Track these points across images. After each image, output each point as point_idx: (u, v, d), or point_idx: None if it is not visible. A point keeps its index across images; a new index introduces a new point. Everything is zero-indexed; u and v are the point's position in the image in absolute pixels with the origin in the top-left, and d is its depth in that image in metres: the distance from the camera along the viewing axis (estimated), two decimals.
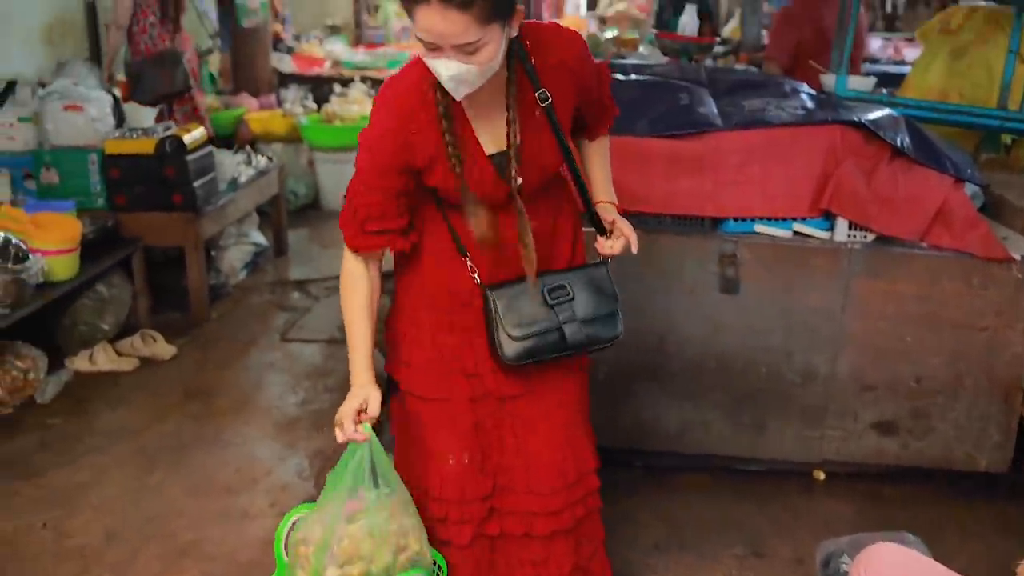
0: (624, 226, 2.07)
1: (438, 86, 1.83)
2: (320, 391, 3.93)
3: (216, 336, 4.54)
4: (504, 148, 1.93)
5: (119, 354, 4.22)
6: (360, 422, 1.95)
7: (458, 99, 1.83)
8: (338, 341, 4.41)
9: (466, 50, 1.71)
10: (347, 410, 1.96)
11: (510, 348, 1.98)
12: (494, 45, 1.74)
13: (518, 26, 1.81)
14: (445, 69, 1.73)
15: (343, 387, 3.84)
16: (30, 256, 3.73)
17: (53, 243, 3.88)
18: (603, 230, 2.10)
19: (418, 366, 2.08)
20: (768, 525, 2.99)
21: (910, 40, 7.29)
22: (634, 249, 2.07)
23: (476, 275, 2.02)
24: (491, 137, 1.94)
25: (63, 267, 3.92)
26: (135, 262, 4.49)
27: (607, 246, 2.06)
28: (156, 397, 3.89)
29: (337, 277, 2.07)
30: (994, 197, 3.28)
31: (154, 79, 5.35)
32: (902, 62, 6.45)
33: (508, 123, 1.90)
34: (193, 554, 2.85)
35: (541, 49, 1.92)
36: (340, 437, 1.95)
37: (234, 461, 3.40)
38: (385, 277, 2.08)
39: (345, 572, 1.89)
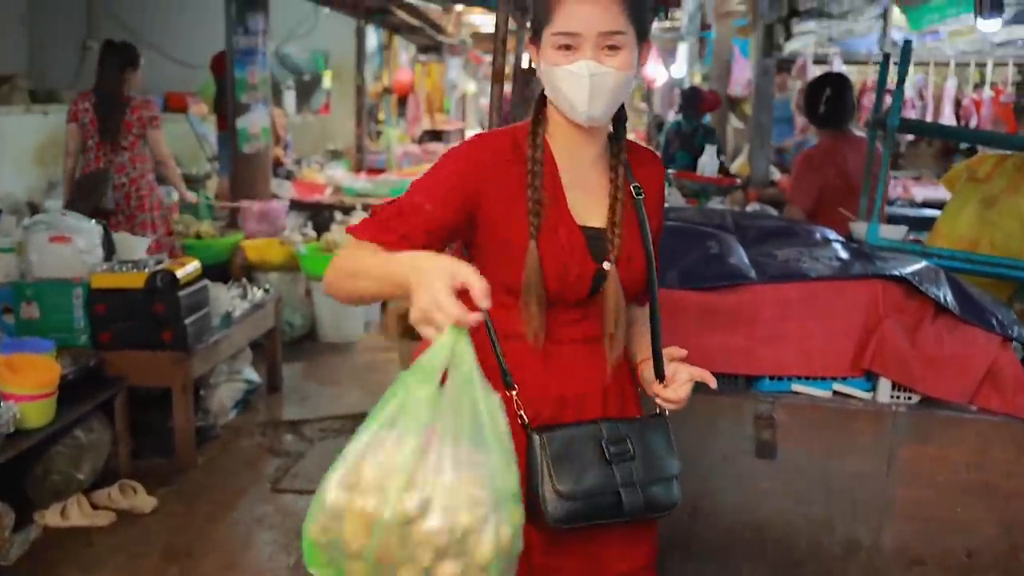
0: (688, 371, 1.84)
1: (531, 139, 1.76)
2: None
3: (202, 485, 4.26)
4: (599, 225, 1.78)
5: (95, 507, 3.92)
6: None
7: (585, 117, 1.70)
8: None
9: (607, 42, 1.65)
10: (440, 292, 1.40)
11: (557, 508, 1.69)
12: (631, 52, 1.68)
13: (644, 62, 1.76)
14: (582, 67, 1.65)
15: None
16: (2, 403, 3.48)
17: (28, 388, 3.62)
18: (662, 373, 1.86)
19: None
20: None
21: (917, 179, 7.26)
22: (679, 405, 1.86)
23: (522, 412, 1.74)
24: (584, 210, 1.78)
25: (38, 413, 3.65)
26: (118, 404, 4.23)
27: (669, 392, 1.83)
28: (133, 559, 3.59)
29: (335, 417, 1.82)
30: None
31: (79, 198, 5.40)
32: (913, 202, 6.37)
33: (612, 195, 1.79)
34: None
35: (633, 153, 1.87)
36: (437, 325, 1.40)
37: None
38: None
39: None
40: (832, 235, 3.30)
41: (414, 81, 13.01)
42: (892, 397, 2.81)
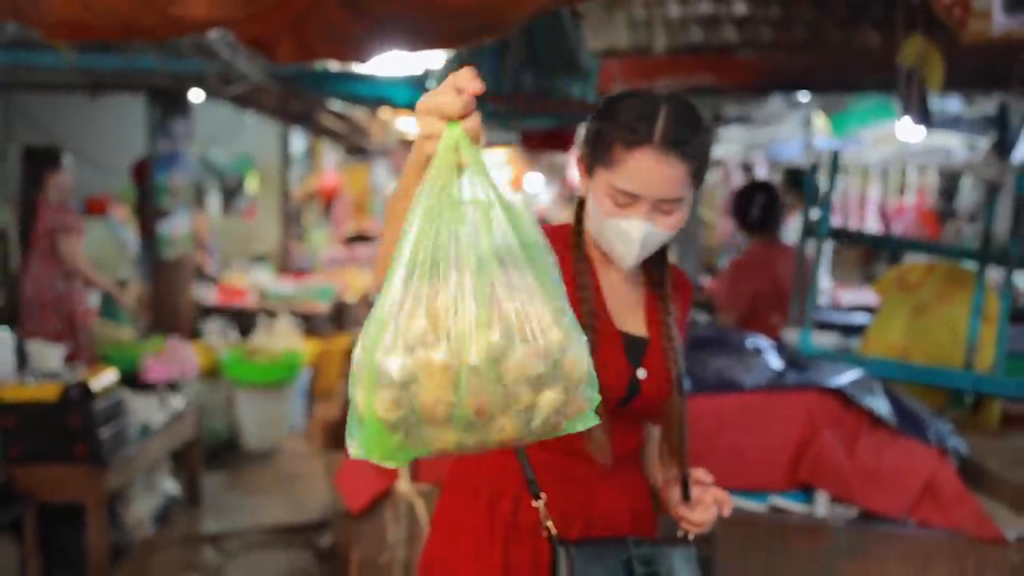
0: (713, 494, 1.79)
1: (574, 244, 1.73)
2: None
3: None
4: (636, 332, 1.75)
5: None
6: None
7: (627, 267, 1.68)
8: None
9: (664, 208, 1.60)
10: (435, 94, 1.28)
11: None
12: (685, 211, 1.64)
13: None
14: (637, 227, 1.60)
15: None
16: None
17: None
18: (687, 493, 1.80)
19: None
20: None
21: (842, 283, 7.39)
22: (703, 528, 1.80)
23: (549, 523, 1.66)
24: (621, 316, 1.75)
25: None
26: (27, 522, 3.99)
27: (696, 515, 1.77)
28: None
29: (257, 530, 1.71)
30: (974, 465, 3.08)
31: None
32: (839, 307, 6.46)
33: (656, 304, 1.76)
34: None
35: (672, 286, 1.83)
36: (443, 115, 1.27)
37: None
38: None
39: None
40: (765, 343, 3.30)
41: (340, 184, 13.01)
42: (830, 511, 2.78)
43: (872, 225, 7.67)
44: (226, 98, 6.61)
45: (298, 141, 11.07)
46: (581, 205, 1.77)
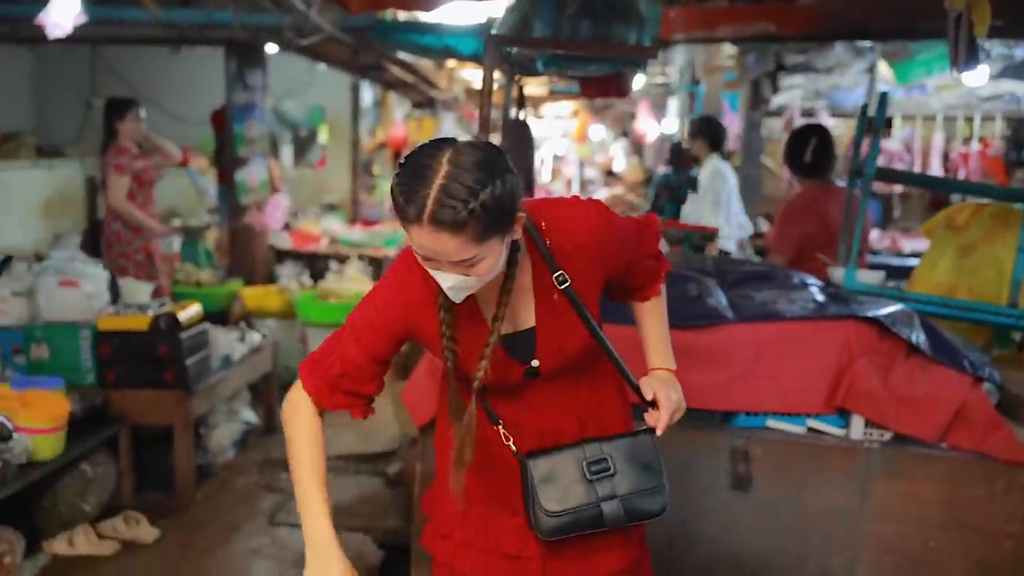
0: (668, 397, 1.98)
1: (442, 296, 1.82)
2: None
3: (201, 518, 4.37)
4: (519, 328, 1.90)
5: (100, 536, 4.04)
6: None
7: (458, 303, 1.80)
8: None
9: (463, 266, 1.68)
10: None
11: (545, 524, 1.88)
12: (493, 258, 1.70)
13: (520, 228, 1.76)
14: (444, 280, 1.71)
15: None
16: (15, 435, 3.61)
17: (39, 422, 3.77)
18: (648, 403, 2.01)
19: (460, 543, 1.99)
20: None
21: (906, 231, 7.43)
22: (658, 430, 1.98)
23: (511, 443, 1.92)
24: (514, 320, 1.89)
25: (48, 446, 3.79)
26: (122, 441, 4.37)
27: (651, 418, 1.98)
28: None
29: (329, 457, 2.00)
30: (1010, 397, 3.21)
31: None
32: (900, 253, 6.53)
33: (498, 305, 1.84)
34: None
35: (557, 230, 1.88)
36: None
37: None
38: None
39: None
40: (810, 280, 3.45)
41: (408, 136, 13.25)
42: (865, 434, 2.94)
43: (936, 173, 7.64)
44: (299, 50, 6.85)
45: (368, 93, 11.31)
46: None
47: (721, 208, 5.56)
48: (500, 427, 1.93)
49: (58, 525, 4.02)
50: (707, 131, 6.14)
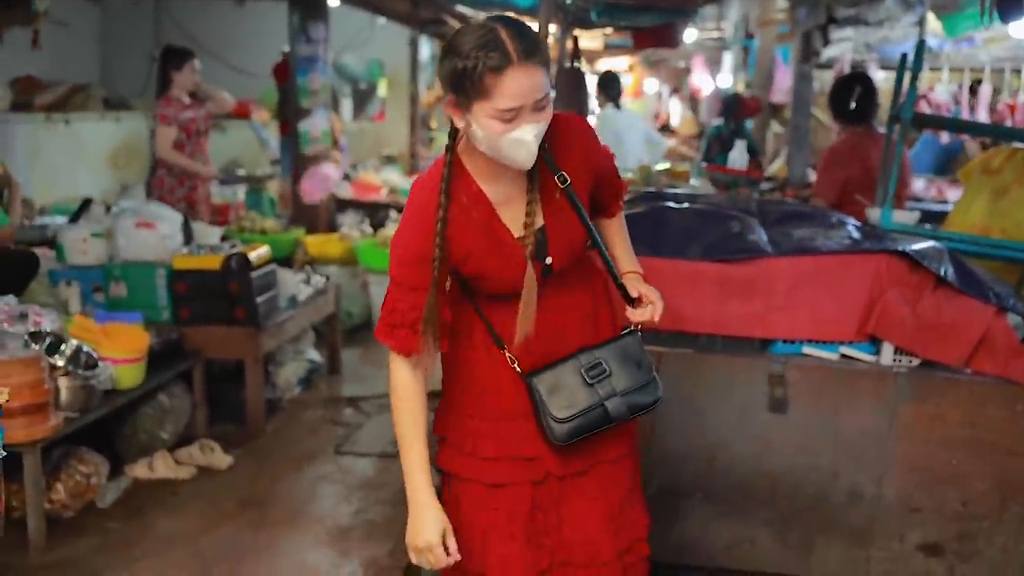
0: (650, 293, 2.18)
1: (442, 197, 2.00)
2: (373, 502, 4.02)
3: (271, 448, 4.65)
4: (537, 224, 2.08)
5: (177, 463, 4.34)
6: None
7: (527, 168, 1.98)
8: (391, 455, 4.51)
9: (540, 105, 1.90)
10: (432, 531, 2.05)
11: (559, 431, 2.09)
12: (551, 100, 1.95)
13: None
14: (528, 132, 1.90)
15: (396, 499, 3.98)
16: (99, 363, 3.91)
17: (121, 352, 4.07)
18: (632, 300, 2.21)
19: (482, 455, 2.16)
20: None
21: (954, 182, 7.47)
22: (656, 317, 2.16)
23: (516, 365, 2.12)
24: (516, 223, 2.07)
25: (129, 376, 4.10)
26: (196, 374, 4.66)
27: (637, 315, 2.17)
28: (212, 505, 3.99)
29: (388, 395, 2.16)
30: None
31: None
32: (945, 201, 6.60)
33: (528, 204, 2.04)
34: None
35: (555, 136, 2.07)
36: (433, 564, 2.07)
37: (288, 569, 3.48)
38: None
39: None
40: (847, 219, 3.61)
41: None
42: (895, 360, 3.13)
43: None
44: (360, 4, 7.03)
45: (426, 48, 11.49)
46: (452, 141, 2.04)
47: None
48: (505, 351, 2.13)
49: (138, 451, 4.34)
50: (604, 85, 7.16)
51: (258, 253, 4.84)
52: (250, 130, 9.39)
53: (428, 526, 2.06)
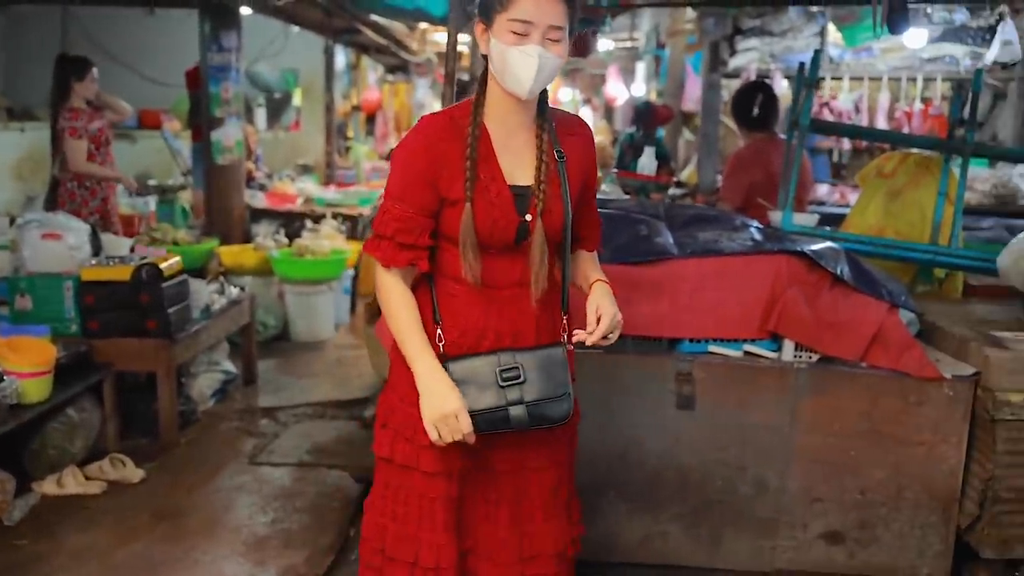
0: (605, 318, 2.21)
1: (472, 118, 2.13)
2: (290, 511, 4.00)
3: (185, 461, 4.60)
4: (526, 183, 2.17)
5: (87, 478, 4.25)
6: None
7: (527, 94, 2.09)
8: (308, 465, 4.50)
9: (552, 36, 2.03)
10: (450, 403, 2.09)
11: None
12: (566, 45, 2.07)
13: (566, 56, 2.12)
14: (536, 52, 2.02)
15: (313, 507, 3.96)
16: (4, 378, 3.83)
17: (27, 365, 3.97)
18: (567, 306, 2.29)
19: (421, 443, 2.19)
20: None
21: (856, 187, 7.72)
22: (588, 340, 2.21)
23: (442, 345, 2.18)
24: (513, 171, 2.17)
25: (36, 389, 4.00)
26: (106, 387, 4.57)
27: (589, 338, 2.20)
28: (125, 519, 3.93)
29: (308, 404, 2.20)
30: (928, 324, 3.51)
31: None
32: (846, 205, 6.82)
33: (539, 154, 2.16)
34: None
35: (560, 121, 2.24)
36: (456, 432, 2.09)
37: None
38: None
39: None
40: (750, 222, 3.74)
41: (382, 100, 13.43)
42: (795, 356, 3.25)
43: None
44: (273, 12, 6.99)
45: (341, 57, 11.46)
46: (484, 80, 2.19)
47: None
48: (439, 328, 2.18)
49: (47, 467, 4.23)
50: None
51: (169, 263, 4.79)
52: (161, 140, 9.25)
53: (449, 396, 2.10)
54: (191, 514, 3.99)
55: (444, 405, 2.09)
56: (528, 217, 2.17)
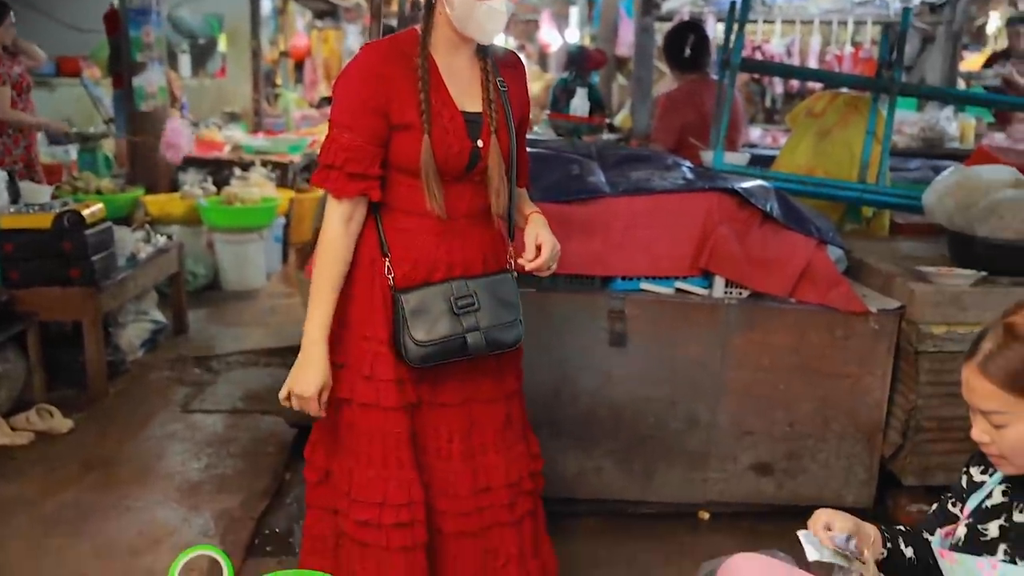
0: (545, 247, 2.25)
1: (421, 48, 2.12)
2: (224, 457, 3.97)
3: (115, 410, 4.53)
4: (474, 110, 2.17)
5: (13, 429, 4.17)
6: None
7: (487, 42, 2.14)
8: (241, 411, 4.46)
9: None
10: (313, 385, 2.14)
11: (413, 352, 2.15)
12: None
13: None
14: (503, 4, 2.06)
15: (247, 453, 3.93)
16: None
17: None
18: (512, 233, 2.31)
19: (380, 378, 2.20)
20: (658, 559, 3.18)
21: (787, 131, 7.81)
22: (528, 266, 2.24)
23: (391, 277, 2.16)
24: (461, 98, 2.17)
25: None
26: (30, 338, 4.46)
27: (529, 264, 2.24)
28: (54, 469, 3.86)
29: (240, 352, 2.19)
30: (855, 261, 3.58)
31: None
32: (778, 148, 6.89)
33: (485, 82, 2.18)
34: None
35: (498, 55, 2.27)
36: (313, 409, 2.17)
37: (137, 525, 3.41)
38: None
39: None
40: (683, 162, 3.75)
41: (311, 47, 13.17)
42: (726, 292, 3.28)
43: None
44: None
45: (267, 1, 11.20)
46: (429, 11, 2.16)
47: None
48: (387, 260, 2.17)
49: None
50: None
51: (92, 210, 4.67)
52: (81, 88, 8.97)
53: (312, 379, 2.14)
54: (122, 463, 3.93)
55: (306, 387, 2.15)
56: (480, 143, 2.16)
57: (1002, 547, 1.59)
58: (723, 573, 1.93)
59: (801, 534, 1.78)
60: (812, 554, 1.74)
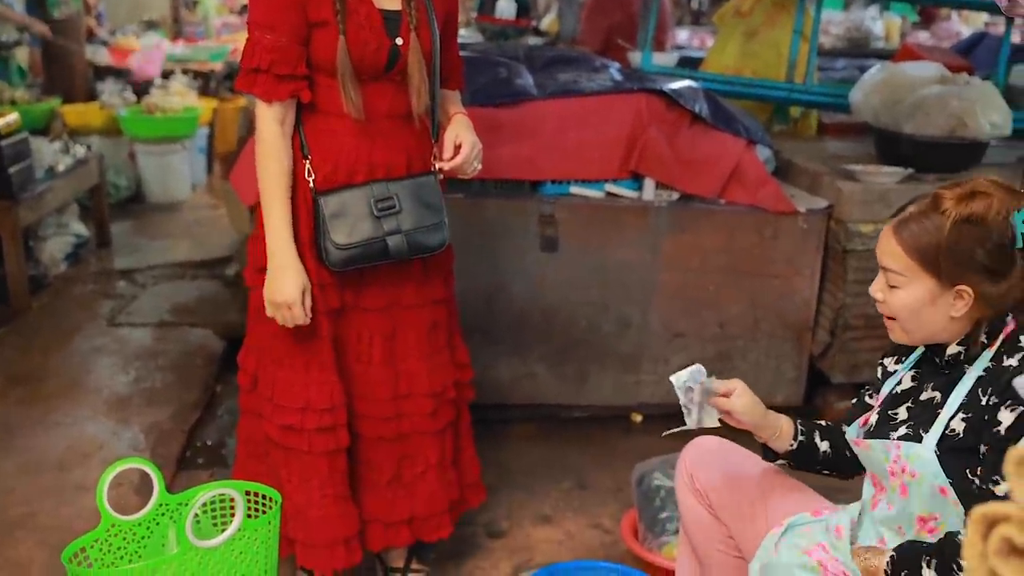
0: (465, 146, 2.22)
1: None
2: (153, 370, 3.91)
3: (38, 325, 4.43)
4: (393, 7, 2.09)
5: None
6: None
7: None
8: (169, 324, 4.39)
9: None
10: (295, 288, 2.07)
11: (335, 256, 2.11)
12: None
13: None
14: None
15: (175, 365, 3.88)
16: None
17: None
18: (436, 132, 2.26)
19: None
20: (591, 462, 3.22)
21: (715, 33, 7.77)
22: (446, 166, 2.22)
23: (311, 180, 2.12)
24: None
25: None
26: None
27: (447, 164, 2.21)
28: None
29: (166, 265, 2.12)
30: (784, 161, 3.60)
31: None
32: (706, 49, 6.87)
33: None
34: (27, 526, 2.82)
35: None
36: (290, 321, 2.09)
37: (65, 439, 3.36)
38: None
39: None
40: (611, 64, 3.71)
41: None
42: (656, 195, 3.28)
43: None
44: None
45: None
46: None
47: None
48: (307, 162, 2.12)
49: None
50: None
51: (6, 121, 4.49)
52: None
53: (290, 283, 2.07)
54: (48, 377, 3.86)
55: (280, 294, 2.08)
56: (399, 41, 2.10)
57: (904, 427, 1.63)
58: (690, 448, 2.09)
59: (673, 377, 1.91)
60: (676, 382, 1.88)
